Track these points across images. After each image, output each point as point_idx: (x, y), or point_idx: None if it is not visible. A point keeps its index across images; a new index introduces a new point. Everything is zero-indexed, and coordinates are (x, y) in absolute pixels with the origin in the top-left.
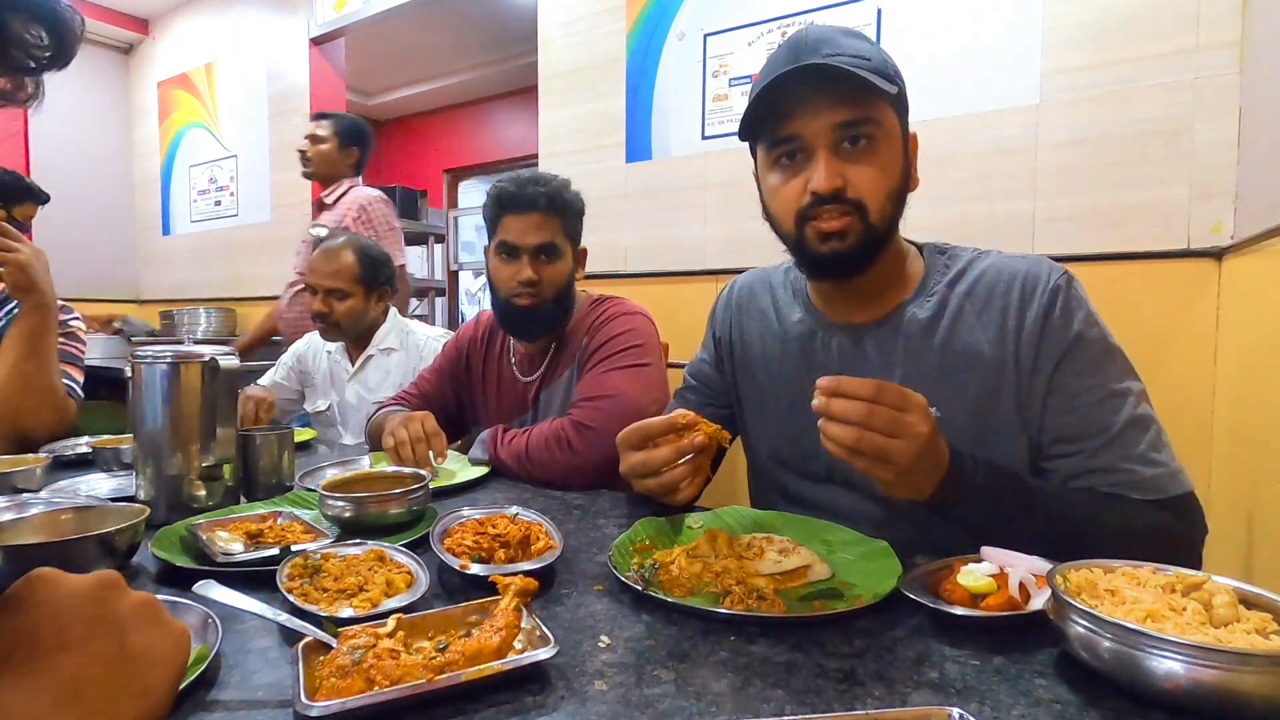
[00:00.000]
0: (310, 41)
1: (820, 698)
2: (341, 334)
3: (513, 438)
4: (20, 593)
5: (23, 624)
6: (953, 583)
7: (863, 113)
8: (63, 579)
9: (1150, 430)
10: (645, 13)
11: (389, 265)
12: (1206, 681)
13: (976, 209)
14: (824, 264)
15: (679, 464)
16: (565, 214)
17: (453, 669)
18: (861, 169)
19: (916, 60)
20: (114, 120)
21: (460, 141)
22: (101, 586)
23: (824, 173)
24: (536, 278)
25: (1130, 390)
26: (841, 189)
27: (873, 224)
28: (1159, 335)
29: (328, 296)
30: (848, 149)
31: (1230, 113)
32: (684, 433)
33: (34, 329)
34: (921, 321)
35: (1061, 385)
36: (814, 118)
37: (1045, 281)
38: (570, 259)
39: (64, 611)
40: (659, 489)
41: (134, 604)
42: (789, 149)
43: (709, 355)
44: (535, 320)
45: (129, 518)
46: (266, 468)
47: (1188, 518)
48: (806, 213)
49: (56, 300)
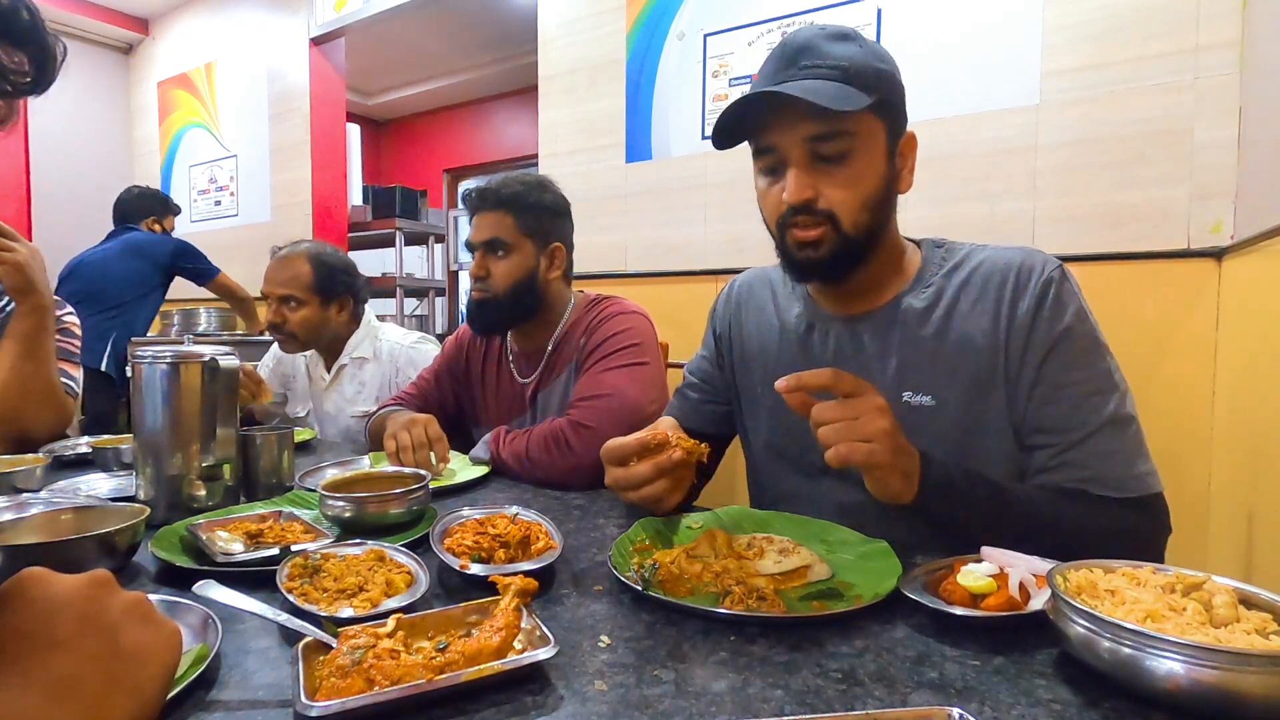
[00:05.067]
0: (310, 41)
1: (820, 698)
2: (299, 345)
3: (514, 439)
4: (11, 591)
5: (14, 622)
6: (953, 583)
7: (834, 125)
8: (53, 578)
9: (1129, 430)
10: (645, 13)
11: (349, 273)
12: (1206, 681)
13: (976, 209)
14: (803, 269)
15: (658, 480)
16: (520, 211)
17: (453, 669)
18: (834, 181)
19: (917, 60)
20: (114, 120)
21: (460, 141)
22: (93, 585)
23: (793, 186)
24: (483, 273)
25: (1115, 388)
26: (813, 200)
27: (846, 234)
28: (1159, 335)
29: (280, 306)
30: (821, 161)
31: (1230, 113)
32: (657, 451)
33: (32, 330)
34: (917, 311)
35: (1047, 376)
36: (788, 130)
37: (1039, 273)
38: (528, 255)
39: (55, 610)
40: (640, 502)
41: (125, 603)
42: (770, 160)
43: (709, 352)
44: (487, 314)
45: (129, 518)
46: (266, 468)
47: (1154, 518)
48: (784, 221)
49: (54, 299)
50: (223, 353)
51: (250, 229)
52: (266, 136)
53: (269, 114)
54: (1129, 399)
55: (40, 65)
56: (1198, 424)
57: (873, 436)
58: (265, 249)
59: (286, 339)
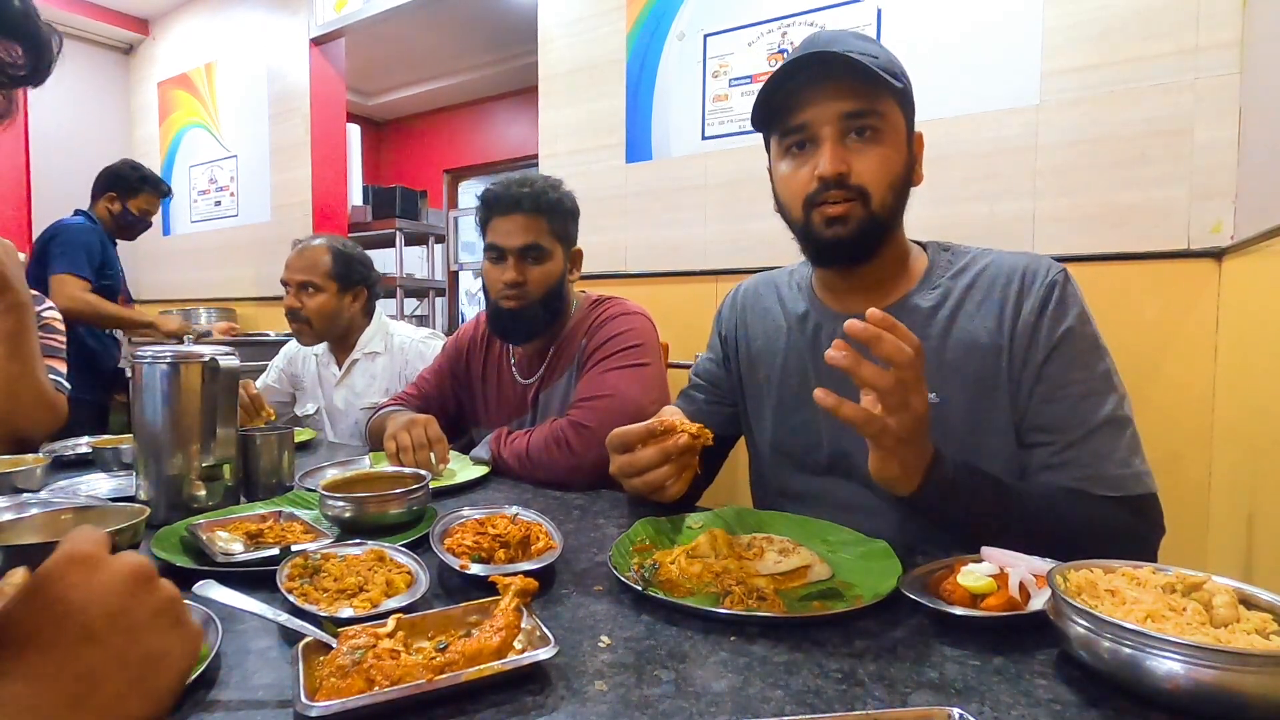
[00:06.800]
0: (310, 41)
1: (820, 698)
2: (314, 333)
3: (515, 439)
4: (55, 572)
5: (53, 605)
6: (953, 583)
7: (868, 104)
8: (99, 564)
9: (1126, 432)
10: (645, 13)
11: (366, 265)
12: (1206, 681)
13: (976, 209)
14: (828, 249)
15: (662, 465)
16: (552, 214)
17: (453, 669)
18: (866, 158)
19: (916, 60)
20: (114, 120)
21: (460, 141)
22: (134, 580)
23: (829, 157)
24: (521, 279)
25: (1113, 390)
26: (846, 174)
27: (875, 211)
28: (1159, 335)
29: (299, 291)
30: (853, 139)
31: (1230, 113)
32: (664, 437)
33: (13, 330)
34: (924, 311)
35: (1048, 376)
36: (822, 107)
37: (1043, 276)
38: (560, 260)
39: (95, 602)
40: (644, 487)
41: (159, 603)
42: (798, 138)
43: (715, 354)
44: (521, 322)
45: (129, 518)
46: (266, 468)
47: (1148, 518)
48: (813, 199)
49: (31, 296)
50: (223, 353)
51: (250, 229)
52: (266, 137)
53: (269, 114)
54: (1127, 402)
55: (35, 55)
56: (1198, 424)
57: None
58: (265, 249)
59: (301, 325)
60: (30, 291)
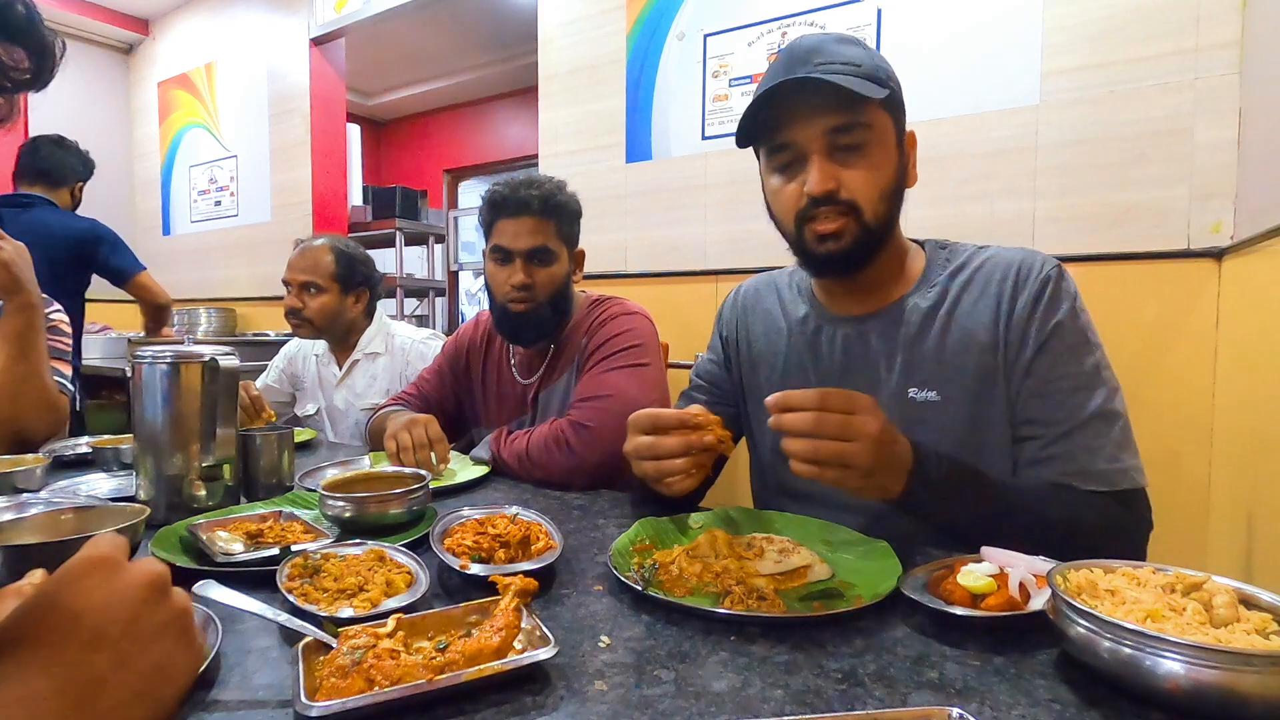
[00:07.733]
0: (310, 41)
1: (820, 698)
2: (315, 332)
3: (515, 439)
4: (78, 572)
5: (67, 611)
6: (953, 583)
7: (852, 117)
8: (118, 571)
9: (1116, 425)
10: (645, 13)
11: (368, 267)
12: (1206, 681)
13: (976, 209)
14: (824, 263)
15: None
16: (559, 216)
17: (453, 669)
18: (854, 171)
19: (916, 60)
20: (114, 120)
21: (460, 141)
22: (150, 588)
23: (817, 176)
24: (529, 281)
25: (1103, 384)
26: (835, 190)
27: (868, 223)
28: (1159, 335)
29: (301, 291)
30: (840, 152)
31: (1230, 113)
32: (694, 430)
33: (22, 330)
34: (923, 310)
35: (1038, 369)
36: (807, 124)
37: (1038, 270)
38: (565, 261)
39: (110, 607)
40: (656, 473)
41: (170, 614)
42: (786, 157)
43: (716, 355)
44: (530, 325)
45: (129, 518)
46: (266, 468)
47: (1136, 513)
48: (804, 215)
49: (41, 298)
50: (223, 353)
51: (250, 229)
52: (266, 137)
53: (269, 114)
54: (1118, 396)
55: (39, 60)
56: (1197, 423)
57: (854, 437)
58: (265, 249)
59: (302, 324)
60: (40, 295)
